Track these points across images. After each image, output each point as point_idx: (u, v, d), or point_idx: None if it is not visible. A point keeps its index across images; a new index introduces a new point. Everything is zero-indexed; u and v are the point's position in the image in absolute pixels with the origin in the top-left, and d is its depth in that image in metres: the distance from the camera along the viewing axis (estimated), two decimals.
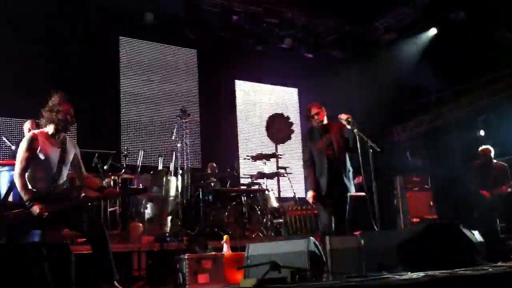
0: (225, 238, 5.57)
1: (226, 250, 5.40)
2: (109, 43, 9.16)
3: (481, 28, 9.21)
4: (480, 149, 7.84)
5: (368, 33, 10.77)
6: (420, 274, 3.43)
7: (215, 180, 7.72)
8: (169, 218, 6.70)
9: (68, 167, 4.37)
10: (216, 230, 6.70)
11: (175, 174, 7.09)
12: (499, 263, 4.34)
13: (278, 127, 9.08)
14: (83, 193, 5.04)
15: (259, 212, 7.20)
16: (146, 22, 8.85)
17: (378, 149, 5.38)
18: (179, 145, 7.07)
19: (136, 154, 7.51)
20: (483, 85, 9.64)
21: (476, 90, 9.78)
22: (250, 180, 7.90)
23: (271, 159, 8.01)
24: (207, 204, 7.21)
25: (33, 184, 4.13)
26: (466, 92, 10.00)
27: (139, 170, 7.21)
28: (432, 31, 10.32)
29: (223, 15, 9.46)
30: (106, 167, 6.51)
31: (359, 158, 5.36)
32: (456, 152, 10.13)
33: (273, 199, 7.74)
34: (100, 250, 4.14)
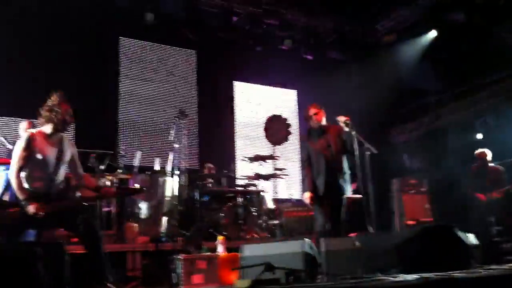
0: (220, 239, 5.56)
1: (221, 250, 5.40)
2: (108, 43, 9.16)
3: (480, 31, 9.20)
4: (476, 152, 7.83)
5: (368, 34, 10.78)
6: (414, 276, 3.44)
7: (212, 181, 7.71)
8: (164, 219, 6.68)
9: (65, 167, 4.38)
10: (211, 230, 6.69)
11: (172, 175, 7.08)
12: (494, 266, 4.35)
13: (276, 129, 9.04)
14: (79, 193, 5.05)
15: (255, 213, 7.19)
16: (147, 22, 8.84)
17: (375, 151, 5.39)
18: (176, 145, 7.06)
19: (133, 155, 7.50)
20: (482, 87, 9.62)
21: (476, 93, 9.76)
22: (246, 181, 7.88)
23: (268, 161, 7.99)
24: (203, 204, 7.20)
25: (29, 183, 4.13)
26: (465, 94, 9.98)
27: (136, 171, 7.20)
28: (432, 33, 10.31)
29: (223, 16, 9.45)
30: (103, 167, 6.51)
31: (356, 160, 5.36)
32: (453, 155, 10.11)
33: (269, 200, 7.73)
34: (93, 251, 4.14)
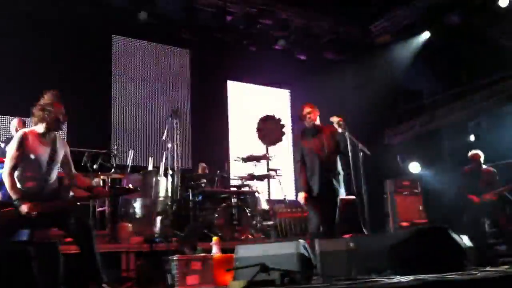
0: (214, 239, 5.54)
1: (215, 251, 5.38)
2: (101, 42, 9.11)
3: (475, 33, 9.24)
4: (469, 154, 7.86)
5: (363, 35, 10.79)
6: (409, 278, 3.45)
7: (205, 181, 7.68)
8: (158, 219, 6.65)
9: (58, 166, 4.34)
10: (205, 231, 6.67)
11: (165, 175, 7.05)
12: (488, 268, 4.37)
13: (269, 129, 9.02)
14: (72, 192, 5.02)
15: (249, 214, 7.17)
16: (140, 21, 8.80)
17: (369, 152, 5.40)
18: (169, 145, 7.03)
19: (126, 154, 7.47)
20: (476, 89, 9.67)
21: (470, 94, 9.82)
22: (240, 181, 7.86)
23: (261, 161, 7.97)
24: (197, 205, 7.17)
25: (22, 183, 4.10)
26: (459, 96, 10.03)
27: (129, 170, 7.17)
28: (426, 35, 10.34)
29: (218, 16, 9.42)
30: (95, 166, 6.48)
31: (349, 161, 5.36)
32: (447, 157, 10.16)
33: (263, 201, 7.72)
34: (86, 251, 4.11)
